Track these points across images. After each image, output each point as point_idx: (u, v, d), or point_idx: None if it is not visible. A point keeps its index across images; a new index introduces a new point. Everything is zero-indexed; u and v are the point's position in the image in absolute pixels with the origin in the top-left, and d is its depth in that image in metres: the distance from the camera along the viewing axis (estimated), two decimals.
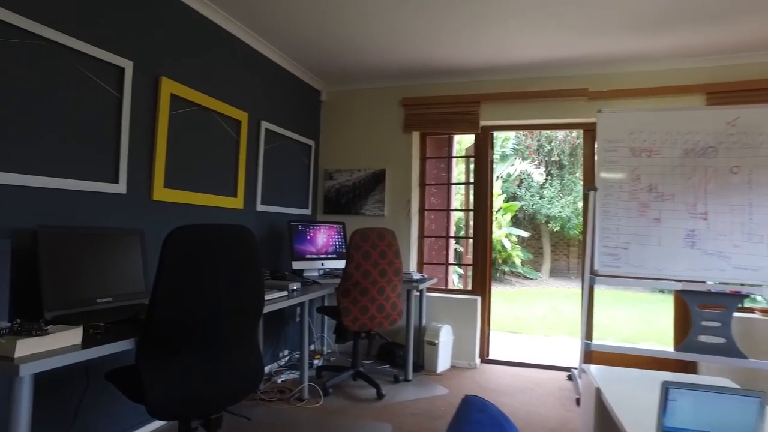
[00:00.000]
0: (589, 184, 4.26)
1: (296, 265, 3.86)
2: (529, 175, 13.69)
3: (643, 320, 8.11)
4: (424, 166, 4.76)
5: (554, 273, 14.59)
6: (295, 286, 3.16)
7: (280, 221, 4.12)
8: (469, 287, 4.63)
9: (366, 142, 4.71)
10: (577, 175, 13.99)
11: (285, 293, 2.97)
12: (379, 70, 4.36)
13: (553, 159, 13.72)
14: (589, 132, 4.31)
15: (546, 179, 13.85)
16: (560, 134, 13.48)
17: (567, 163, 13.82)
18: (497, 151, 13.27)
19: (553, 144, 13.53)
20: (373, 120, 4.71)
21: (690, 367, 4.00)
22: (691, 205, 3.57)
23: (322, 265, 4.04)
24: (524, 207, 13.88)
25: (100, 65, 2.44)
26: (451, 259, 5.42)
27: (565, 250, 14.95)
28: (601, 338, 6.57)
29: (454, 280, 7.62)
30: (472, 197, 4.63)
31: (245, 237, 1.89)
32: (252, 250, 1.91)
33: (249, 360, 1.99)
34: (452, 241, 5.67)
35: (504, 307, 9.17)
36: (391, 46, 3.80)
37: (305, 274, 3.94)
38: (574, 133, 13.29)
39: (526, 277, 13.69)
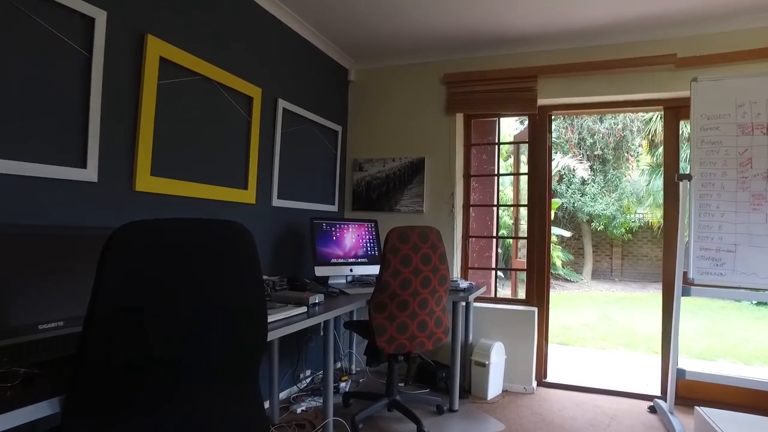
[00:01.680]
0: (673, 172, 3.51)
1: (319, 271, 3.22)
2: (572, 170, 12.78)
3: (709, 331, 7.21)
4: (469, 155, 4.07)
5: (596, 275, 13.64)
6: (317, 298, 2.52)
7: (301, 219, 3.49)
8: (520, 295, 3.91)
9: (401, 127, 4.05)
10: (622, 170, 13.01)
11: (304, 309, 2.33)
12: (416, 40, 3.69)
13: (595, 153, 12.78)
14: (672, 110, 3.55)
15: (589, 175, 12.91)
16: (603, 126, 12.53)
17: (611, 158, 12.85)
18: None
19: (596, 137, 12.59)
20: (409, 101, 4.04)
21: None
22: None
23: (351, 270, 3.40)
24: (564, 205, 12.98)
25: (61, 13, 1.85)
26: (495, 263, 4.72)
27: (607, 251, 13.99)
28: (656, 351, 5.75)
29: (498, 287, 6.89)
30: (524, 191, 3.91)
31: (236, 239, 1.24)
32: (246, 257, 1.26)
33: (243, 421, 1.34)
34: (494, 244, 4.97)
35: None
36: (432, 9, 3.12)
37: (331, 281, 3.30)
38: (620, 125, 12.34)
39: (566, 280, 12.80)
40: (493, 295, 3.93)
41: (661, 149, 11.90)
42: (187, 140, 2.50)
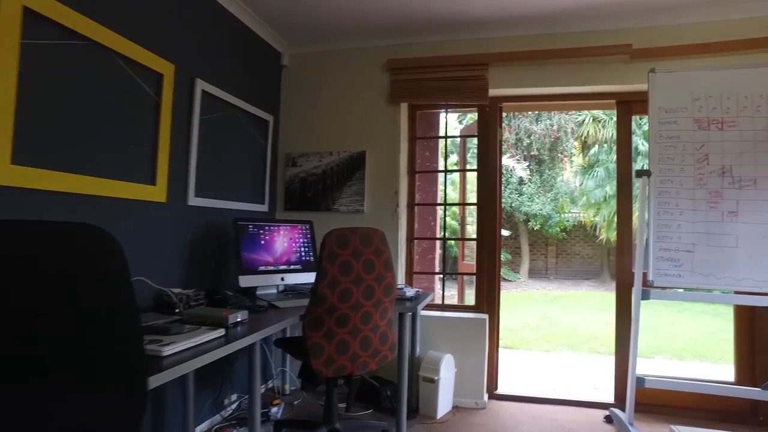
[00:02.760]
0: (625, 170, 3.35)
1: (245, 281, 2.77)
2: (510, 170, 12.88)
3: (668, 324, 7.35)
4: (414, 149, 3.74)
5: (532, 274, 13.88)
6: (239, 316, 2.09)
7: (225, 220, 3.02)
8: (467, 301, 3.63)
9: (340, 118, 3.66)
10: (556, 170, 13.30)
11: (221, 332, 1.88)
12: (358, 22, 3.32)
13: (532, 153, 12.97)
14: (624, 105, 3.39)
15: (527, 175, 13.09)
16: (539, 127, 12.73)
17: (546, 158, 13.09)
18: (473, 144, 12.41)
19: (532, 138, 12.77)
20: (349, 89, 3.66)
21: (763, 408, 3.12)
22: None
23: (282, 279, 2.96)
24: (503, 204, 13.07)
25: None
26: (439, 266, 4.44)
27: (543, 250, 14.27)
28: (598, 351, 5.72)
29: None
30: (470, 191, 3.64)
31: (83, 249, 0.81)
32: (98, 276, 0.83)
33: None
34: (438, 246, 4.69)
35: None
36: None
37: (259, 293, 2.86)
38: (555, 126, 12.58)
39: (505, 279, 12.89)
40: (440, 302, 3.62)
41: (593, 150, 12.37)
42: (71, 122, 1.98)
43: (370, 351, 2.42)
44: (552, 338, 6.62)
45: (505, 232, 12.82)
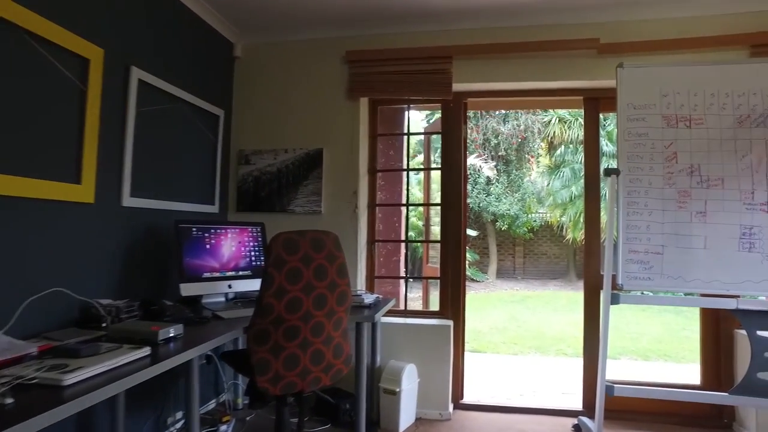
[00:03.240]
0: (593, 169, 3.25)
1: (187, 289, 2.52)
2: (478, 169, 12.84)
3: (632, 323, 7.37)
4: (375, 147, 3.55)
5: (500, 274, 13.89)
6: (171, 331, 1.86)
7: (166, 223, 2.75)
8: (432, 306, 3.47)
9: (295, 113, 3.44)
10: (523, 170, 13.35)
11: (146, 352, 1.64)
12: (315, 11, 3.11)
13: (499, 154, 12.96)
14: (592, 101, 3.29)
15: (494, 175, 13.08)
16: (507, 128, 12.74)
17: (513, 159, 13.11)
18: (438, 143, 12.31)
19: (500, 138, 12.77)
20: (305, 83, 3.44)
21: (728, 411, 3.05)
22: (748, 193, 2.62)
23: (230, 287, 2.72)
24: (470, 204, 13.03)
25: None
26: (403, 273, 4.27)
27: (510, 250, 14.32)
28: (566, 353, 5.66)
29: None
30: (435, 191, 3.48)
31: None
32: None
33: None
34: (402, 247, 4.52)
35: None
36: None
37: (206, 301, 2.62)
38: (522, 126, 12.61)
39: (473, 280, 12.85)
40: (403, 308, 3.44)
41: (559, 151, 12.45)
42: None
43: (323, 365, 2.21)
44: (520, 340, 6.54)
45: (472, 233, 12.78)
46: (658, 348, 5.97)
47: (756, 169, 2.62)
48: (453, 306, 3.32)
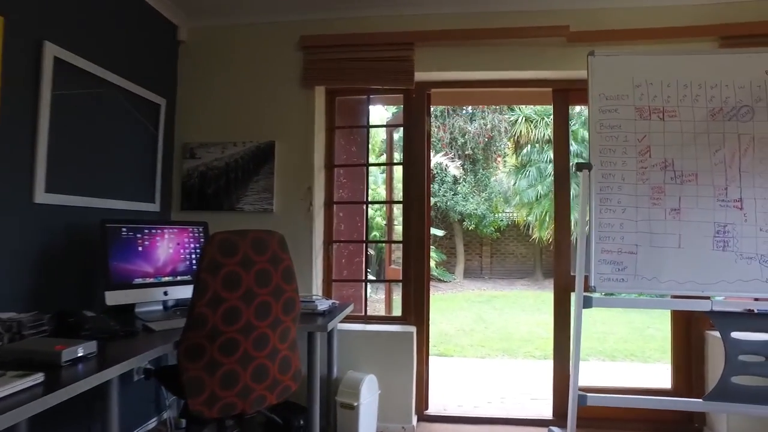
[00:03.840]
0: (563, 164, 3.09)
1: (113, 297, 2.22)
2: (444, 168, 12.72)
3: (598, 322, 7.33)
4: (332, 140, 3.30)
5: (467, 274, 13.82)
6: (80, 350, 1.57)
7: (94, 222, 2.42)
8: (397, 312, 3.25)
9: (246, 103, 3.15)
10: (490, 169, 13.32)
11: (37, 379, 1.35)
12: None
13: (466, 153, 12.88)
14: (561, 93, 3.13)
15: (461, 174, 12.98)
16: (474, 127, 12.67)
17: (480, 158, 13.05)
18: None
19: (466, 137, 12.69)
20: (257, 70, 3.16)
21: (698, 415, 2.95)
22: (721, 189, 2.49)
23: (166, 294, 2.43)
24: (438, 204, 12.91)
25: None
26: (365, 275, 4.03)
27: (477, 250, 14.27)
28: (534, 355, 5.55)
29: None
30: (399, 189, 3.26)
31: None
32: None
33: None
34: (364, 248, 4.29)
35: None
36: None
37: (140, 310, 2.32)
38: (489, 125, 12.56)
39: (440, 280, 12.73)
40: (363, 314, 3.20)
41: (526, 150, 12.45)
42: None
43: (267, 382, 1.95)
44: (487, 342, 6.40)
45: (439, 232, 12.66)
46: (625, 348, 5.93)
47: (729, 165, 2.50)
48: (416, 311, 3.11)
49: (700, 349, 2.98)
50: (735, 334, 2.45)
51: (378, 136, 9.55)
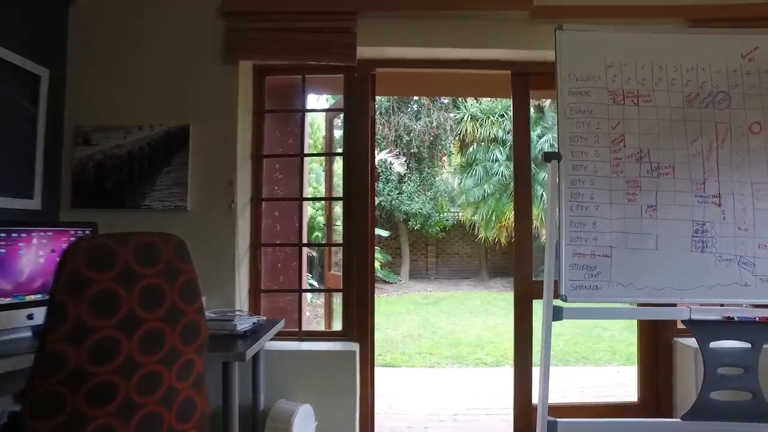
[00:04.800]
0: (524, 155, 2.77)
1: None
2: (389, 166, 12.37)
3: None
4: (261, 126, 2.83)
5: (413, 275, 13.56)
6: None
7: None
8: (336, 326, 2.82)
9: (154, 78, 2.61)
10: (436, 168, 13.13)
11: None
12: None
13: (411, 151, 12.61)
14: (522, 77, 2.81)
15: (406, 172, 12.68)
16: (419, 124, 12.42)
17: (426, 156, 12.82)
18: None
19: (412, 135, 12.41)
20: (168, 40, 2.63)
21: None
22: (699, 184, 2.24)
23: (31, 318, 1.87)
24: (382, 203, 12.55)
25: None
26: (305, 280, 3.57)
27: (423, 250, 14.05)
28: (485, 362, 5.28)
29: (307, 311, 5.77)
30: (340, 180, 2.83)
31: None
32: None
33: None
34: (305, 252, 3.85)
35: None
36: None
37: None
38: (434, 123, 12.35)
39: (385, 281, 12.38)
40: (297, 328, 2.73)
41: (471, 149, 12.33)
42: None
43: None
44: (436, 349, 6.07)
45: (384, 233, 12.31)
46: (575, 351, 5.78)
47: (707, 156, 2.25)
48: (359, 324, 2.68)
49: (667, 358, 2.74)
50: (714, 345, 2.20)
51: (319, 131, 9.06)
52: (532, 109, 2.93)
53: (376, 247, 12.07)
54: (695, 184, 2.22)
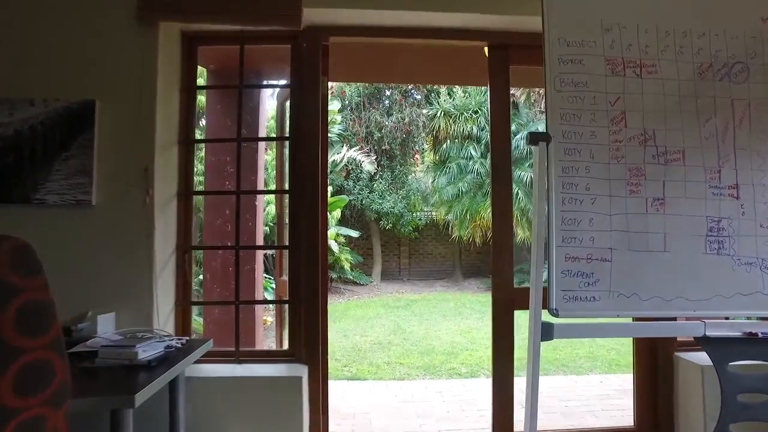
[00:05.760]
0: (503, 143, 2.38)
1: None
2: (359, 164, 11.90)
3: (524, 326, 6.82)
4: (190, 105, 2.35)
5: (385, 276, 13.10)
6: None
7: None
8: (285, 345, 2.36)
9: (49, 41, 2.10)
10: (408, 166, 12.72)
11: None
12: None
13: (383, 148, 12.16)
14: (500, 51, 2.40)
15: (377, 171, 12.23)
16: (391, 121, 12.01)
17: (398, 153, 12.39)
18: None
19: (383, 131, 11.97)
20: None
21: None
22: (713, 172, 1.87)
23: None
24: (353, 202, 12.07)
25: None
26: (260, 288, 3.10)
27: (395, 250, 13.60)
28: (460, 373, 4.90)
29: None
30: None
31: None
32: None
33: None
34: (259, 255, 3.41)
35: (334, 331, 7.03)
36: None
37: None
38: (407, 119, 11.95)
39: (356, 283, 11.90)
40: (234, 348, 2.26)
41: (445, 146, 11.96)
42: None
43: None
44: (406, 358, 5.64)
45: (355, 233, 11.82)
46: (555, 358, 5.43)
47: (722, 139, 1.88)
48: (309, 342, 2.23)
49: (668, 377, 2.38)
50: (734, 366, 1.83)
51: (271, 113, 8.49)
52: None
53: (345, 248, 11.63)
54: (709, 173, 1.85)
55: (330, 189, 11.03)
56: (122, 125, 2.08)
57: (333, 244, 10.60)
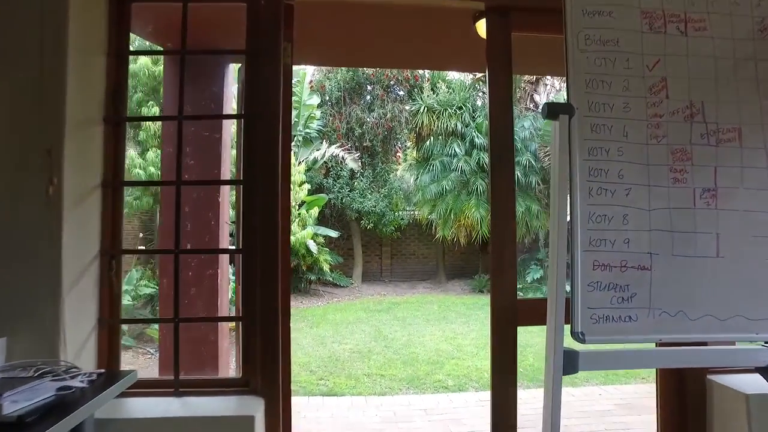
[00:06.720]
0: (503, 128, 1.97)
1: None
2: (340, 161, 11.43)
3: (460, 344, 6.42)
4: (121, 73, 1.89)
5: (366, 277, 12.65)
6: None
7: None
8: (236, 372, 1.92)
9: None
10: (390, 163, 12.30)
11: None
12: None
13: (364, 145, 11.71)
14: (499, 14, 1.99)
15: (359, 169, 11.78)
16: (372, 116, 11.58)
17: (380, 150, 11.95)
18: (297, 131, 10.72)
19: (364, 128, 11.52)
20: None
21: None
22: None
23: None
24: (332, 201, 11.59)
25: None
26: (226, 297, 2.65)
27: (377, 251, 13.16)
28: (446, 386, 4.50)
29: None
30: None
31: None
32: None
33: None
34: (224, 260, 2.95)
35: (311, 338, 6.56)
36: None
37: None
38: (389, 115, 11.53)
39: (336, 285, 11.44)
40: (173, 377, 1.81)
41: (428, 143, 11.57)
42: None
43: None
44: (388, 368, 5.21)
45: (334, 234, 11.35)
46: (542, 366, 5.06)
47: None
48: (265, 368, 1.79)
49: (699, 406, 1.99)
50: None
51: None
52: None
53: (324, 249, 11.14)
54: None
55: (309, 187, 10.55)
56: (17, 96, 1.62)
57: (312, 245, 10.13)
